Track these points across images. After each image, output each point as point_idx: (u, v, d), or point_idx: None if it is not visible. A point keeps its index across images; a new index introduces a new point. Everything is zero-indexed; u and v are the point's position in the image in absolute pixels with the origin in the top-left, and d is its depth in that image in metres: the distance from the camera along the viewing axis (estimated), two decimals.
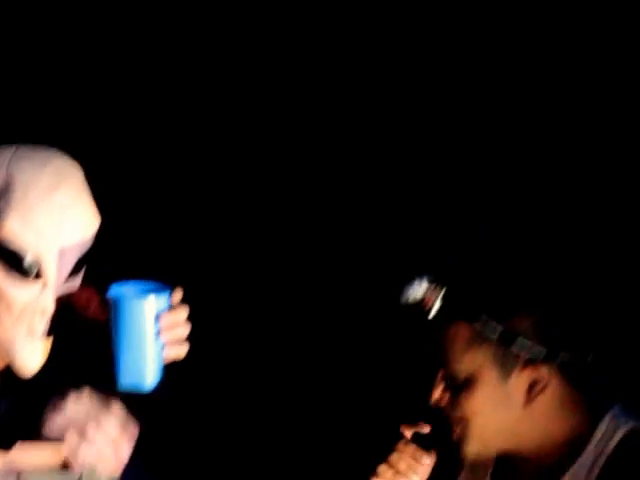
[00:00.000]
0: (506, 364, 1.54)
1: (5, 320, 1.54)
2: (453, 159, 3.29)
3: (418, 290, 1.57)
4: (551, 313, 1.53)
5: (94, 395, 1.50)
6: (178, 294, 1.51)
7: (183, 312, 1.52)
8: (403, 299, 1.58)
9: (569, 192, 3.05)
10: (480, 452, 1.65)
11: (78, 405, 1.47)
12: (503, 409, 1.56)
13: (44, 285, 1.54)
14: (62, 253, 1.53)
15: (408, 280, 1.58)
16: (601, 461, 1.58)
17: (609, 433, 1.59)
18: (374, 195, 3.36)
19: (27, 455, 1.51)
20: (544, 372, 1.53)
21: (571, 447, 1.60)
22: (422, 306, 1.57)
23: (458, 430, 1.60)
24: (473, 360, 1.54)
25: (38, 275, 1.53)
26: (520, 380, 1.55)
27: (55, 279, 1.55)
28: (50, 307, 1.54)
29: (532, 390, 1.55)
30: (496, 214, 2.84)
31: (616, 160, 3.09)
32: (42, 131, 3.08)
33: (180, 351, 1.53)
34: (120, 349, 1.49)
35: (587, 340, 1.57)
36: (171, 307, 1.51)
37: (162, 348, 1.51)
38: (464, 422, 1.58)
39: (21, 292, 1.53)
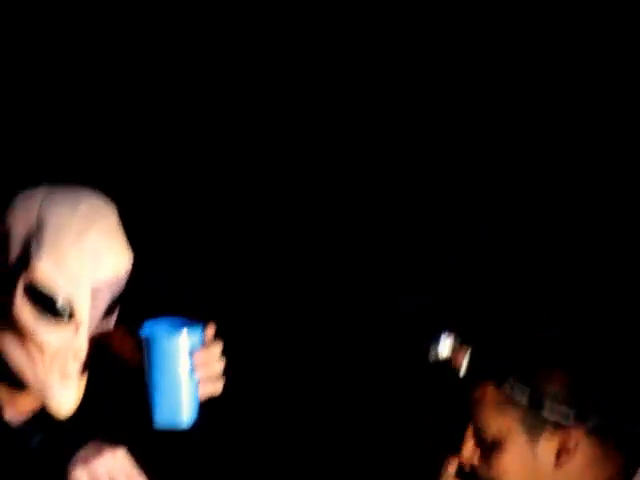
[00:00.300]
0: (535, 427, 1.53)
1: (38, 363, 1.51)
2: (453, 159, 3.29)
3: (445, 348, 1.57)
4: (580, 376, 1.52)
5: (128, 454, 1.47)
6: (211, 330, 1.48)
7: (217, 348, 1.48)
8: (431, 356, 1.57)
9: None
10: None
11: (113, 461, 1.44)
12: (533, 471, 1.56)
13: (77, 327, 1.51)
14: (95, 294, 1.50)
15: (435, 337, 1.58)
16: None
17: None
18: (374, 196, 3.36)
19: None
20: (575, 435, 1.52)
21: None
22: (450, 364, 1.57)
23: None
24: (501, 422, 1.54)
25: (71, 317, 1.50)
26: (550, 443, 1.54)
27: (88, 321, 1.51)
28: (83, 349, 1.51)
29: (562, 452, 1.54)
30: (521, 246, 2.83)
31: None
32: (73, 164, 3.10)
33: (216, 388, 1.49)
34: (154, 387, 1.45)
35: (617, 401, 1.55)
36: (204, 343, 1.47)
37: (197, 385, 1.47)
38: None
39: (54, 335, 1.49)
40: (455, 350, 1.57)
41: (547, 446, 1.54)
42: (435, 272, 3.25)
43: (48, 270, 1.46)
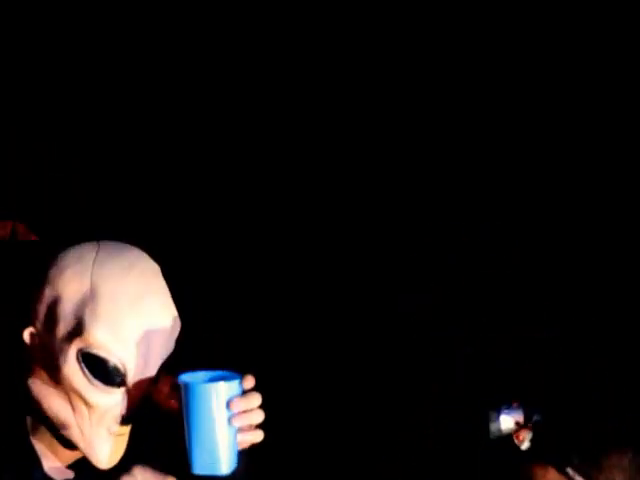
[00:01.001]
0: None
1: (86, 421, 1.52)
2: (453, 160, 3.29)
3: (507, 423, 1.57)
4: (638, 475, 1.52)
5: None
6: (250, 381, 1.48)
7: (256, 399, 1.48)
8: (492, 432, 1.57)
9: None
10: None
11: None
12: None
13: (127, 391, 1.52)
14: (147, 360, 1.52)
15: (498, 411, 1.58)
16: None
17: None
18: (374, 197, 3.36)
19: None
20: None
21: None
22: (511, 439, 1.57)
23: None
24: None
25: (122, 381, 1.51)
26: None
27: (139, 388, 1.53)
28: (132, 410, 1.53)
29: None
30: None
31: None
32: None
33: (255, 437, 1.49)
34: (191, 435, 1.46)
35: None
36: (243, 394, 1.47)
37: (235, 434, 1.46)
38: None
39: (105, 398, 1.51)
40: (518, 426, 1.57)
41: None
42: (435, 272, 3.25)
43: (104, 337, 1.48)
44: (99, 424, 1.52)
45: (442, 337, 3.16)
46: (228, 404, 1.45)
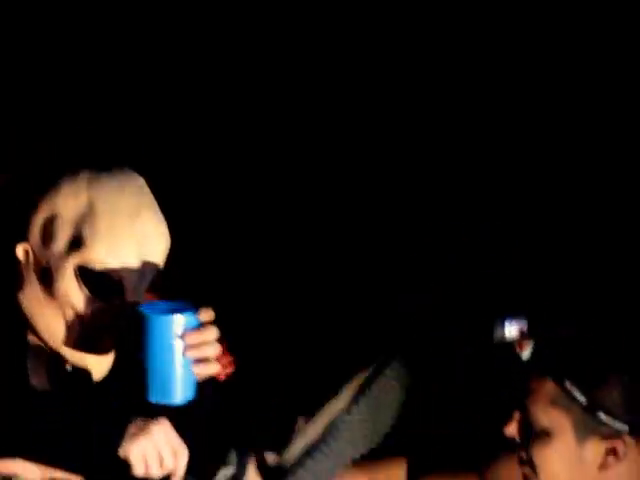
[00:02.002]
0: (586, 430, 1.56)
1: (79, 334, 1.57)
2: (453, 160, 3.29)
3: (512, 331, 1.59)
4: (636, 395, 1.54)
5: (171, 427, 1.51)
6: (207, 314, 1.50)
7: (211, 332, 1.51)
8: (496, 336, 1.59)
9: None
10: None
11: (159, 436, 1.46)
12: (575, 469, 1.58)
13: (122, 305, 1.56)
14: (142, 275, 1.56)
15: (504, 318, 1.60)
16: None
17: None
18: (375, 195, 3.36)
19: None
20: (622, 444, 1.54)
21: None
22: (513, 348, 1.59)
23: (526, 470, 1.62)
24: (554, 418, 1.56)
25: (118, 296, 1.55)
26: (597, 446, 1.56)
27: (133, 299, 1.57)
28: (124, 323, 1.57)
29: (608, 457, 1.55)
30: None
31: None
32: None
33: (209, 370, 1.52)
34: (147, 365, 1.50)
35: None
36: (200, 326, 1.51)
37: (189, 365, 1.50)
38: (533, 468, 1.59)
39: (100, 311, 1.55)
40: (522, 335, 1.59)
41: (594, 448, 1.56)
42: (435, 272, 3.25)
43: (103, 252, 1.52)
44: (92, 336, 1.56)
45: (442, 337, 3.16)
46: (183, 336, 1.48)
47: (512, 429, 1.61)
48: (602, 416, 1.51)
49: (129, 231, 1.54)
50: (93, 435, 1.44)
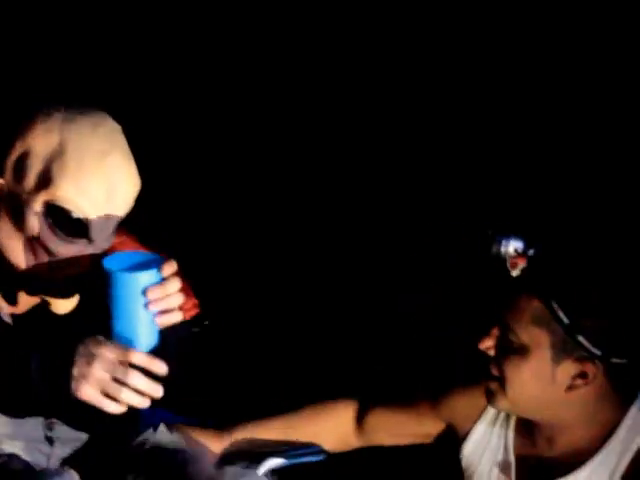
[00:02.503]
0: (562, 351, 1.60)
1: (46, 268, 1.59)
2: (453, 161, 3.29)
3: (510, 248, 1.60)
4: (615, 323, 1.57)
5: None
6: (170, 267, 1.53)
7: (173, 285, 1.53)
8: (493, 249, 1.61)
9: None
10: (509, 411, 1.71)
11: (106, 357, 1.47)
12: (544, 386, 1.62)
13: (88, 244, 1.59)
14: (108, 215, 1.58)
15: (505, 235, 1.62)
16: (628, 455, 1.63)
17: (636, 427, 1.64)
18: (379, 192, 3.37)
19: None
20: (593, 368, 1.59)
21: (600, 437, 1.65)
22: (505, 264, 1.61)
23: (492, 385, 1.64)
24: (534, 335, 1.60)
25: (84, 234, 1.58)
26: (570, 368, 1.60)
27: (99, 239, 1.59)
28: (88, 260, 1.60)
29: (577, 379, 1.59)
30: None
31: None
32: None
33: (172, 319, 1.55)
34: (112, 316, 1.53)
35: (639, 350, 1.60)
36: (163, 279, 1.53)
37: (153, 317, 1.53)
38: (500, 382, 1.62)
39: (65, 248, 1.58)
40: (516, 253, 1.61)
41: (566, 369, 1.60)
42: (435, 272, 3.26)
43: (70, 190, 1.54)
44: (57, 272, 1.58)
45: (442, 337, 3.17)
46: (146, 291, 1.51)
47: (488, 343, 1.64)
48: (581, 339, 1.55)
49: (98, 171, 1.55)
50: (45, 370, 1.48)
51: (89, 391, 1.45)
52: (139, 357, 1.46)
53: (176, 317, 1.54)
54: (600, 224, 1.67)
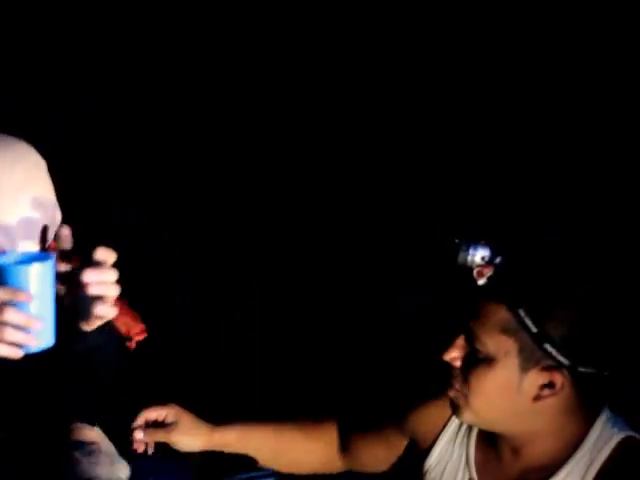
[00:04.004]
0: (529, 360, 1.58)
1: None
2: (453, 161, 3.29)
3: (476, 256, 1.59)
4: (583, 331, 1.56)
5: None
6: (105, 253, 1.51)
7: (109, 273, 1.52)
8: (461, 258, 1.60)
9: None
10: (473, 423, 1.70)
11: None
12: (511, 396, 1.61)
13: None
14: (25, 248, 1.60)
15: (473, 242, 1.60)
16: (595, 467, 1.61)
17: (602, 439, 1.63)
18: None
19: None
20: (561, 378, 1.57)
21: (566, 449, 1.63)
22: (472, 272, 1.59)
23: (455, 396, 1.63)
24: (501, 344, 1.58)
25: None
26: (537, 377, 1.59)
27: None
28: None
29: (544, 390, 1.58)
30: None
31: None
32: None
33: (105, 311, 1.53)
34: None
35: (607, 361, 1.59)
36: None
37: (47, 311, 1.50)
38: (465, 393, 1.61)
39: None
40: (483, 262, 1.59)
41: (534, 379, 1.59)
42: (435, 272, 3.25)
43: None
44: None
45: (442, 337, 3.17)
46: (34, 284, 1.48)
47: (453, 354, 1.62)
48: (548, 347, 1.54)
49: (13, 205, 1.57)
50: None
51: None
52: (2, 293, 1.44)
53: (111, 312, 1.53)
54: (569, 232, 1.65)
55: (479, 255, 1.60)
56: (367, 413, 1.92)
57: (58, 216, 1.65)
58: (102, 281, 1.51)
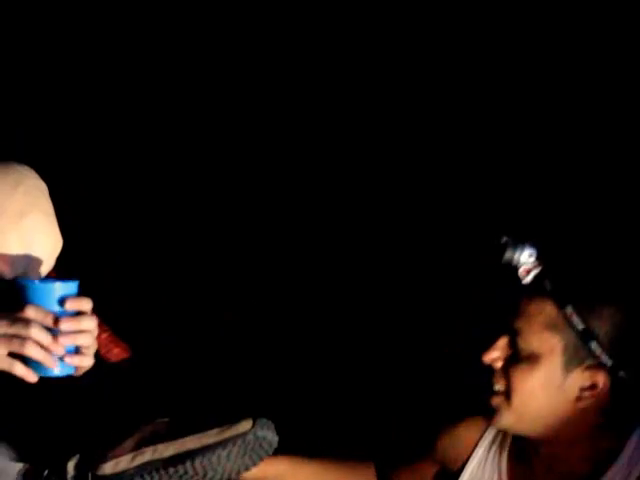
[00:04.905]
0: (573, 359, 1.60)
1: None
2: (454, 161, 3.30)
3: (523, 255, 1.60)
4: (629, 332, 1.58)
5: None
6: (83, 302, 1.49)
7: (88, 321, 1.49)
8: (506, 257, 1.61)
9: None
10: (512, 427, 1.70)
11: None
12: (553, 395, 1.62)
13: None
14: (25, 274, 1.59)
15: (520, 242, 1.61)
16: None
17: (638, 455, 1.62)
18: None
19: None
20: (603, 379, 1.58)
21: (601, 462, 1.65)
22: (518, 271, 1.61)
23: (498, 399, 1.64)
24: (547, 341, 1.60)
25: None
26: (580, 377, 1.61)
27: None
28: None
29: (586, 390, 1.59)
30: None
31: None
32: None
33: (83, 361, 1.50)
34: None
35: None
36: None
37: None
38: (508, 394, 1.62)
39: None
40: (532, 259, 1.61)
41: (577, 378, 1.61)
42: (436, 272, 3.26)
43: None
44: None
45: (442, 337, 3.18)
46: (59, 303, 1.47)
47: (494, 355, 1.64)
48: (593, 345, 1.55)
49: (14, 232, 1.57)
50: None
51: None
52: (31, 310, 1.43)
53: (87, 361, 1.50)
54: (620, 231, 1.67)
55: (526, 253, 1.62)
56: (399, 448, 1.92)
57: (59, 241, 1.65)
58: (79, 329, 1.47)
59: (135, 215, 3.41)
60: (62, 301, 1.47)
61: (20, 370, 1.43)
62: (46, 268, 1.61)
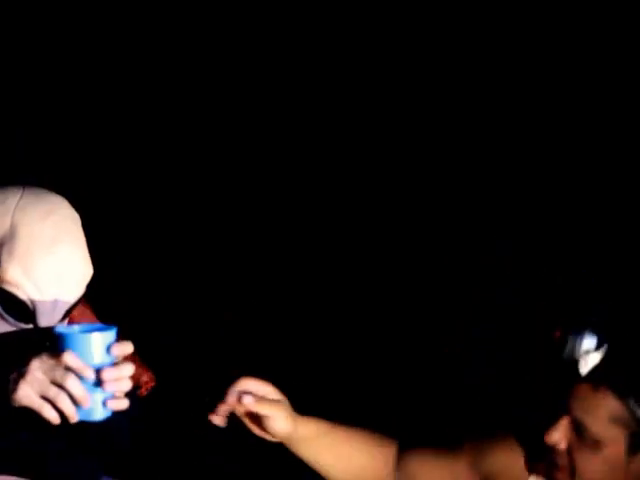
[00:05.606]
0: (637, 445, 1.58)
1: None
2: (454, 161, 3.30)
3: (583, 346, 1.60)
4: None
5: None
6: (125, 347, 1.48)
7: (127, 368, 1.49)
8: (567, 352, 1.61)
9: None
10: None
11: (42, 361, 1.44)
12: (617, 477, 1.61)
13: (33, 330, 1.60)
14: (56, 302, 1.61)
15: (580, 334, 1.61)
16: None
17: None
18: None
19: None
20: None
21: None
22: (577, 363, 1.61)
23: (562, 476, 1.64)
24: (610, 431, 1.60)
25: (32, 320, 1.60)
26: None
27: (44, 325, 1.61)
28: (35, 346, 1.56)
29: None
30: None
31: None
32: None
33: (120, 405, 1.50)
34: None
35: None
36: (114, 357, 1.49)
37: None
38: (572, 473, 1.62)
39: (12, 334, 1.59)
40: (589, 351, 1.60)
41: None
42: (436, 271, 3.26)
43: (17, 275, 1.58)
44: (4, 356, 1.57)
45: (442, 337, 3.18)
46: (97, 354, 1.47)
47: (557, 436, 1.63)
48: None
49: (45, 259, 1.59)
50: None
51: (27, 391, 1.42)
52: (71, 358, 1.43)
53: (123, 404, 1.50)
54: None
55: (586, 344, 1.61)
56: (424, 434, 1.90)
57: (89, 271, 1.65)
58: (119, 377, 1.48)
59: (135, 216, 3.41)
60: (103, 349, 1.47)
61: (48, 413, 1.43)
62: (75, 296, 1.63)
